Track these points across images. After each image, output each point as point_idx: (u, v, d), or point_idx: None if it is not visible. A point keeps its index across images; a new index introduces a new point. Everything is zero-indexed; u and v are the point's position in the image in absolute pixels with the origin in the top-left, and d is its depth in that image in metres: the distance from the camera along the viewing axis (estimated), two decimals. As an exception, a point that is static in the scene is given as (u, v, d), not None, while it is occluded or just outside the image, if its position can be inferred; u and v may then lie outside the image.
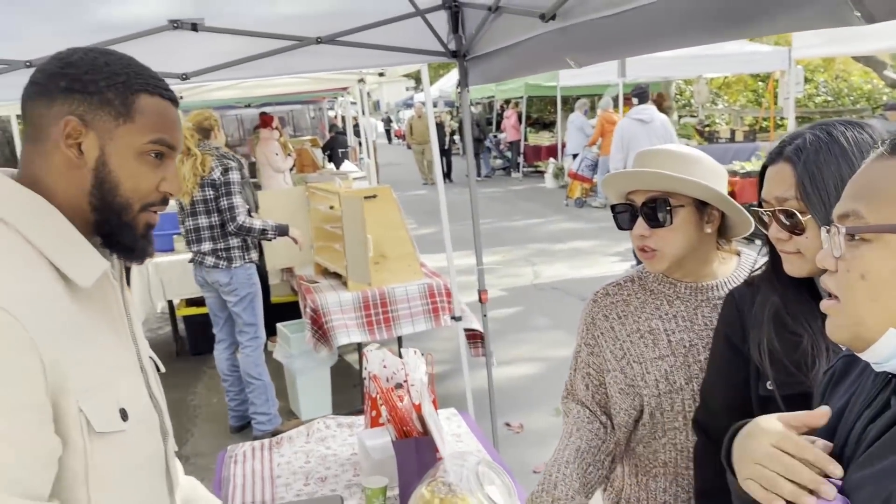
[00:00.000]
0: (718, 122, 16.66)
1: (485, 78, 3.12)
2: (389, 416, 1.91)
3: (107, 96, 1.08)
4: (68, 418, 1.01)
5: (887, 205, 0.84)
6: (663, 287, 1.65)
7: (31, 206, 1.07)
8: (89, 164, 1.09)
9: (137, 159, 1.11)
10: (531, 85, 15.82)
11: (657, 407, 1.60)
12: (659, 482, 1.66)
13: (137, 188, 1.12)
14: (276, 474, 2.16)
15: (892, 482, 0.80)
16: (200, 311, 5.69)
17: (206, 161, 4.07)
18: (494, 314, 6.34)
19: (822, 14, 1.26)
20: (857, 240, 0.86)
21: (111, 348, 1.12)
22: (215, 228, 4.13)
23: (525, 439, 4.28)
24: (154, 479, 1.20)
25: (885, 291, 0.84)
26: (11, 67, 2.86)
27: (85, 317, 1.08)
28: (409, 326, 4.21)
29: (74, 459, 1.02)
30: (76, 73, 1.08)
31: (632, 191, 1.59)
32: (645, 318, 1.64)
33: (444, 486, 1.69)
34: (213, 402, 5.01)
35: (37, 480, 0.97)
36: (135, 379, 1.17)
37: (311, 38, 3.08)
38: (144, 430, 1.16)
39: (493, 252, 8.97)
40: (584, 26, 1.95)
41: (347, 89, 9.03)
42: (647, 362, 1.61)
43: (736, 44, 12.71)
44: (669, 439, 1.62)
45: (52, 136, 1.08)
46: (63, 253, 1.06)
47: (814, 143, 1.27)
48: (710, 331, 1.57)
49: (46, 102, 1.08)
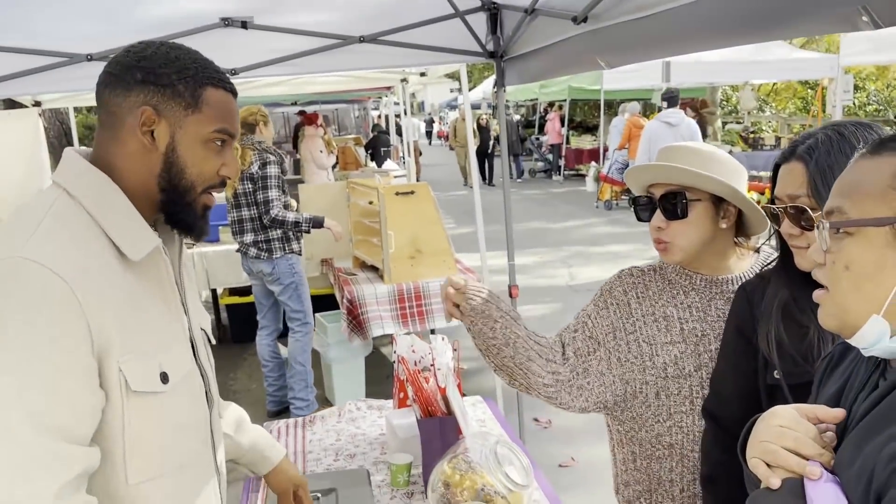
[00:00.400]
0: (765, 130, 16.43)
1: (521, 78, 3.21)
2: (415, 396, 2.01)
3: (178, 88, 1.19)
4: (110, 377, 1.12)
5: (867, 200, 0.91)
6: (680, 278, 1.72)
7: (97, 184, 1.18)
8: (160, 149, 1.20)
9: (203, 146, 1.22)
10: (574, 88, 15.81)
11: (663, 388, 1.68)
12: (664, 463, 1.72)
13: (202, 172, 1.23)
14: (308, 450, 2.28)
15: (872, 461, 0.86)
16: (243, 301, 5.89)
17: (247, 155, 4.21)
18: (529, 313, 6.41)
19: (836, 20, 1.32)
20: (841, 233, 0.93)
21: (159, 318, 1.22)
22: (255, 221, 4.29)
23: (552, 435, 4.35)
24: (196, 442, 1.29)
25: (867, 281, 0.90)
26: (73, 60, 3.04)
27: (136, 287, 1.18)
28: (442, 320, 4.30)
29: (112, 414, 1.13)
30: (151, 66, 1.18)
31: (652, 184, 1.67)
32: (661, 305, 1.71)
33: (464, 463, 1.78)
34: (252, 388, 5.18)
35: (80, 429, 1.08)
36: (181, 347, 1.27)
37: (355, 37, 3.20)
38: (187, 394, 1.26)
39: (531, 253, 9.03)
40: (613, 29, 2.03)
41: (392, 89, 9.17)
42: (658, 345, 1.68)
43: (783, 50, 12.56)
44: (675, 422, 1.69)
45: (128, 123, 1.18)
46: (119, 228, 1.17)
47: (825, 142, 1.33)
48: (723, 322, 1.63)
49: (123, 92, 1.18)
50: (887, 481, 0.83)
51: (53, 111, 7.92)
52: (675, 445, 1.70)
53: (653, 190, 1.67)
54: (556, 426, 4.44)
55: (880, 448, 0.86)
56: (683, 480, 1.72)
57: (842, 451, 0.94)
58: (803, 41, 17.60)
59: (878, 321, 0.90)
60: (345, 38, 3.20)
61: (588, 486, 3.64)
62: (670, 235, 1.64)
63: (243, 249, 4.38)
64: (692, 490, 1.71)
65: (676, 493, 1.73)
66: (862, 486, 0.87)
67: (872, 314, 0.90)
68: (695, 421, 1.67)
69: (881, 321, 0.90)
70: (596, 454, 3.79)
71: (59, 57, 3.04)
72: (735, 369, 1.54)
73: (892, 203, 0.89)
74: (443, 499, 1.74)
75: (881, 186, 0.90)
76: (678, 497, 1.73)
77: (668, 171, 1.61)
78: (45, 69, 3.05)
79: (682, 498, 1.72)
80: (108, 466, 1.14)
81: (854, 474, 0.89)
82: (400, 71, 6.21)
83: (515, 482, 1.70)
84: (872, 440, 0.88)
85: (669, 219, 1.63)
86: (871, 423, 0.91)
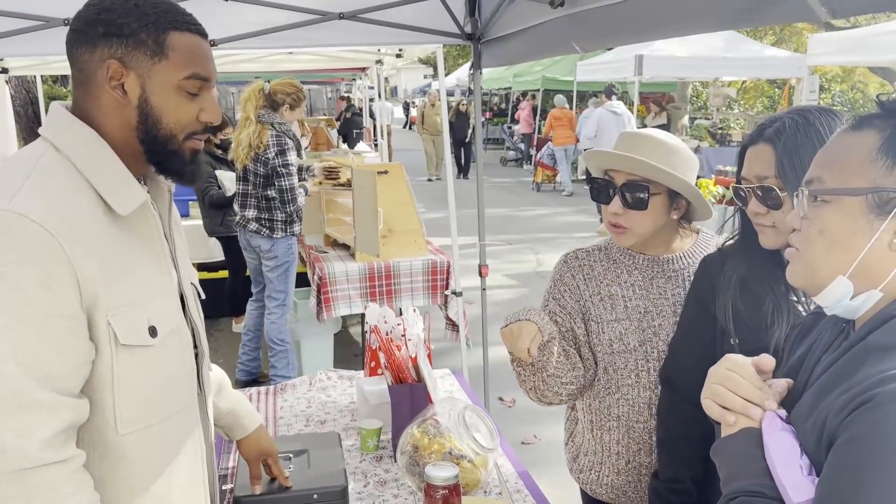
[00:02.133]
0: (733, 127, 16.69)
1: (497, 61, 3.26)
2: (387, 363, 2.07)
3: (140, 37, 1.17)
4: (99, 330, 1.14)
5: (846, 171, 0.98)
6: (624, 258, 1.82)
7: (83, 138, 1.19)
8: (133, 102, 1.19)
9: (176, 93, 1.20)
10: (548, 78, 15.92)
11: (610, 364, 1.78)
12: (613, 434, 1.82)
13: (179, 120, 1.22)
14: (279, 416, 2.33)
15: (826, 411, 0.93)
16: (211, 276, 5.87)
17: (264, 135, 4.12)
18: (496, 297, 6.49)
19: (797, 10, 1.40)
20: (819, 201, 1.00)
21: (148, 272, 1.23)
22: (261, 199, 4.28)
23: (517, 414, 4.44)
24: (184, 393, 1.31)
25: (837, 245, 0.98)
26: (49, 24, 3.01)
27: (123, 241, 1.19)
28: (409, 300, 4.35)
29: (102, 366, 1.15)
30: (111, 17, 1.17)
31: (613, 169, 1.73)
32: (606, 284, 1.80)
33: (433, 427, 1.85)
34: (218, 363, 5.09)
35: (69, 379, 1.10)
36: (170, 301, 1.28)
37: (334, 13, 3.22)
38: (176, 347, 1.28)
39: (500, 239, 9.11)
40: (588, 14, 2.10)
41: (366, 70, 9.16)
42: (604, 323, 1.78)
43: (754, 48, 12.76)
44: (623, 395, 1.78)
45: (97, 78, 1.18)
46: (107, 183, 1.17)
47: (792, 126, 1.40)
48: (664, 299, 1.74)
49: (89, 48, 1.18)
50: (837, 428, 0.89)
51: (20, 79, 7.77)
52: (621, 417, 1.79)
53: (613, 174, 1.73)
54: (519, 405, 4.54)
55: (833, 401, 0.92)
56: (629, 452, 1.81)
57: (799, 405, 1.01)
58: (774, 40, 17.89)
59: (844, 282, 0.97)
60: (325, 13, 3.22)
61: (549, 463, 3.74)
62: (628, 222, 1.71)
63: (242, 222, 4.37)
64: (637, 461, 1.80)
65: (622, 465, 1.82)
66: (815, 436, 0.94)
67: (838, 275, 0.98)
68: (639, 393, 1.76)
69: (846, 282, 0.97)
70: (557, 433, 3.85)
71: (34, 20, 3.01)
72: (695, 338, 1.62)
73: (869, 175, 0.96)
74: (411, 460, 1.80)
75: (860, 159, 0.97)
76: (623, 470, 1.82)
77: (635, 162, 1.67)
78: (20, 32, 3.02)
79: (628, 470, 1.82)
80: (99, 417, 1.16)
81: (810, 425, 0.96)
82: (376, 51, 6.22)
83: (482, 445, 1.78)
84: (828, 395, 0.95)
85: (628, 208, 1.70)
86: (828, 379, 0.98)
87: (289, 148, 4.16)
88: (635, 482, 1.81)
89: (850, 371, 0.94)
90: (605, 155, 1.73)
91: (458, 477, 1.60)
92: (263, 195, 4.27)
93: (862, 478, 0.84)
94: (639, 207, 1.69)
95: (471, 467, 1.77)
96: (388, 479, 1.92)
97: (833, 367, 0.98)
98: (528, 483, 1.89)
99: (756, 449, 0.99)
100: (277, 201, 4.22)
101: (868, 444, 0.85)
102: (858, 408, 0.88)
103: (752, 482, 0.96)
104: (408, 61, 6.53)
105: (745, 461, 0.99)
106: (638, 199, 1.68)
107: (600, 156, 1.74)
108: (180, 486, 1.31)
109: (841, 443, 0.88)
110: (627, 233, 1.73)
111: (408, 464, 1.81)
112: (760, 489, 0.95)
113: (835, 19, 1.28)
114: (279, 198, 4.19)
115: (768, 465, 0.97)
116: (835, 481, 0.87)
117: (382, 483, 1.90)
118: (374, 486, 1.88)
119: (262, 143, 4.13)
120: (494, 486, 1.85)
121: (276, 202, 4.24)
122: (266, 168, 4.18)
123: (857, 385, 0.90)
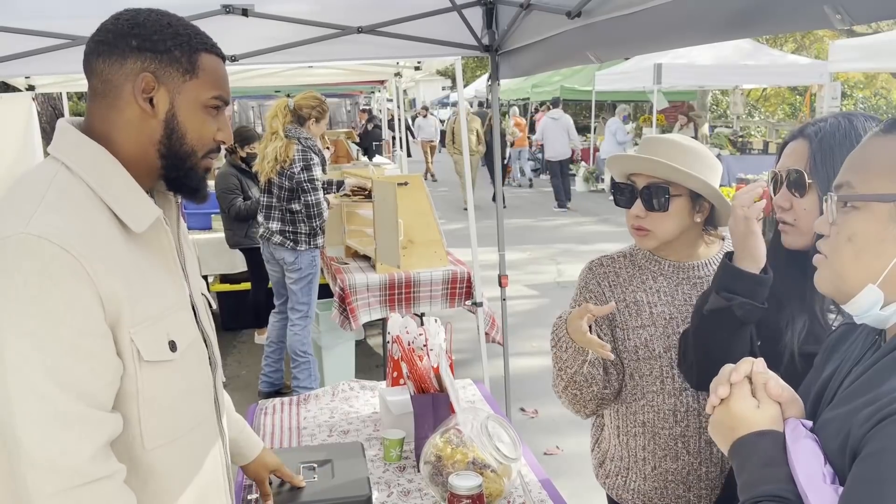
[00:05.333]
0: (754, 135, 16.58)
1: (514, 72, 3.28)
2: (409, 373, 2.08)
3: (174, 55, 1.20)
4: (122, 347, 1.15)
5: (875, 177, 0.97)
6: (650, 264, 1.82)
7: (94, 156, 1.19)
8: (160, 115, 1.21)
9: (202, 111, 1.24)
10: (567, 88, 15.89)
11: (636, 370, 1.78)
12: (638, 440, 1.82)
13: (201, 137, 1.25)
14: (303, 426, 2.34)
15: (850, 421, 0.92)
16: (234, 288, 5.93)
17: (290, 150, 4.19)
18: (516, 308, 6.48)
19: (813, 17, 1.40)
20: (848, 207, 0.99)
21: (164, 286, 1.25)
22: (285, 212, 4.34)
23: (539, 424, 4.43)
24: (203, 404, 1.34)
25: (866, 252, 0.96)
26: (75, 43, 3.08)
27: (140, 258, 1.20)
28: (427, 306, 4.37)
29: (127, 382, 1.16)
30: (145, 32, 1.19)
31: (634, 173, 1.74)
32: (632, 290, 1.81)
33: (456, 437, 1.86)
34: (241, 374, 5.23)
35: (104, 395, 1.12)
36: (185, 314, 1.30)
37: (353, 27, 3.26)
38: (194, 360, 1.30)
39: (520, 250, 9.10)
40: (604, 24, 2.11)
41: (385, 83, 9.22)
42: (629, 330, 1.78)
43: (774, 56, 12.69)
44: (648, 401, 1.78)
45: (126, 90, 1.19)
46: (121, 201, 1.18)
47: (834, 125, 1.41)
48: (689, 306, 1.73)
49: (119, 60, 1.18)
50: (862, 440, 0.89)
51: (46, 96, 7.93)
52: (647, 423, 1.79)
53: (635, 179, 1.74)
54: (542, 416, 4.52)
55: (859, 410, 0.92)
56: (655, 458, 1.80)
57: (825, 414, 1.01)
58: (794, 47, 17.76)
59: (874, 290, 0.96)
60: (343, 28, 3.26)
61: (572, 474, 3.72)
62: (651, 225, 1.72)
63: (267, 235, 4.42)
64: (663, 467, 1.80)
65: (648, 471, 1.82)
66: (838, 445, 0.93)
67: (868, 284, 0.96)
68: (664, 400, 1.76)
69: (876, 290, 0.96)
70: (580, 444, 3.87)
71: (60, 38, 3.08)
72: None
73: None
74: (434, 470, 1.81)
75: (889, 164, 0.96)
76: (650, 475, 1.82)
77: (655, 164, 1.68)
78: (47, 50, 3.08)
79: (654, 476, 1.81)
80: (127, 432, 1.17)
81: (833, 433, 0.95)
82: (395, 64, 6.27)
83: (505, 455, 1.78)
84: (853, 404, 0.94)
85: (650, 210, 1.71)
86: (856, 390, 0.97)
87: (314, 164, 4.23)
88: (661, 488, 1.81)
89: (877, 382, 0.93)
90: (625, 159, 1.75)
91: (481, 486, 1.61)
92: (287, 208, 4.32)
93: (885, 492, 0.83)
94: (660, 209, 1.70)
95: (494, 477, 1.77)
96: (412, 489, 1.93)
97: (862, 378, 0.97)
98: (551, 493, 1.89)
99: (781, 454, 0.99)
100: (303, 215, 4.29)
101: (892, 457, 0.84)
102: (883, 420, 0.87)
103: (777, 487, 0.96)
104: (426, 73, 6.58)
105: (770, 466, 0.98)
106: (659, 201, 1.69)
107: (622, 160, 1.76)
108: (206, 497, 1.32)
109: (865, 455, 0.88)
110: (650, 235, 1.73)
111: (431, 474, 1.82)
112: (786, 494, 0.95)
113: (850, 26, 1.28)
114: (305, 212, 4.27)
115: (791, 471, 0.96)
116: (857, 494, 0.86)
117: (406, 493, 1.91)
118: (397, 496, 1.89)
119: (288, 158, 4.20)
120: (518, 496, 1.86)
121: (300, 215, 4.31)
122: (291, 182, 4.24)
123: (883, 396, 0.89)
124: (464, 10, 3.28)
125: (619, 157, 1.75)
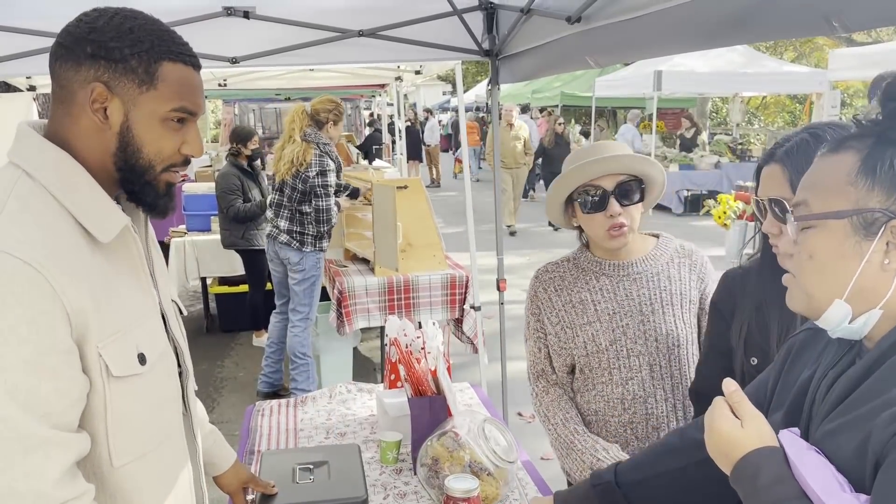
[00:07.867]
0: (753, 142, 16.62)
1: (514, 77, 3.29)
2: (407, 375, 2.08)
3: (131, 64, 1.10)
4: (89, 362, 1.08)
5: (828, 195, 0.99)
6: (592, 265, 1.94)
7: (57, 162, 1.11)
8: (114, 128, 1.12)
9: (160, 125, 1.14)
10: (567, 94, 15.94)
11: (586, 364, 1.91)
12: (592, 428, 1.94)
13: (160, 152, 1.16)
14: (300, 428, 2.34)
15: (870, 423, 0.91)
16: (232, 290, 5.94)
17: (308, 154, 4.23)
18: (514, 312, 6.48)
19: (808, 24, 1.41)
20: (806, 226, 1.01)
21: (132, 296, 1.18)
22: (294, 213, 4.36)
23: (536, 429, 4.42)
24: (172, 416, 1.28)
25: (828, 269, 0.98)
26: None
27: (107, 267, 1.13)
28: (427, 314, 4.37)
29: (95, 398, 1.10)
30: (101, 38, 1.10)
31: (596, 178, 1.80)
32: (577, 291, 1.93)
33: (453, 439, 1.86)
34: (239, 375, 5.23)
35: (68, 415, 1.05)
36: (154, 323, 1.23)
37: (354, 30, 3.27)
38: (163, 372, 1.24)
39: (519, 254, 9.12)
40: (604, 29, 2.12)
41: (385, 87, 9.24)
42: (577, 327, 1.91)
43: (773, 64, 12.72)
44: (598, 392, 1.91)
45: (79, 99, 1.11)
46: (85, 210, 1.10)
47: (802, 145, 1.41)
48: (630, 300, 1.87)
49: (74, 66, 1.10)
50: (887, 444, 0.87)
51: (46, 96, 7.93)
52: (598, 412, 1.92)
53: (599, 182, 1.80)
54: (538, 421, 4.51)
55: (875, 414, 0.90)
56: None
57: (823, 425, 0.99)
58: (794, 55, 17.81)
59: (842, 305, 0.97)
60: (344, 31, 3.27)
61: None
62: (626, 219, 1.82)
63: (273, 233, 4.45)
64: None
65: None
66: (853, 450, 0.91)
67: (836, 299, 0.98)
68: (612, 389, 1.89)
69: (844, 305, 0.97)
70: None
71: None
72: (715, 350, 1.67)
73: (850, 197, 0.96)
74: (431, 472, 1.82)
75: (840, 182, 0.97)
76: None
77: (631, 160, 1.80)
78: (45, 51, 3.06)
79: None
80: (94, 451, 1.12)
81: (843, 440, 0.94)
82: (395, 68, 6.28)
83: (502, 458, 1.78)
84: (859, 410, 0.94)
85: (625, 205, 1.81)
86: (857, 397, 0.96)
87: (330, 170, 4.27)
88: None
89: (885, 387, 0.93)
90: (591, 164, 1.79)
91: (478, 489, 1.61)
92: (297, 209, 4.35)
93: None
94: (636, 201, 1.82)
95: (490, 480, 1.78)
96: (408, 491, 1.93)
97: (862, 386, 0.97)
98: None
99: (785, 469, 0.97)
100: (312, 218, 4.32)
101: None
102: None
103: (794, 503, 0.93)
104: (427, 78, 6.58)
105: (779, 483, 0.96)
106: (636, 193, 1.82)
107: (587, 166, 1.79)
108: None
109: (891, 462, 0.86)
110: (627, 229, 1.83)
111: (427, 476, 1.82)
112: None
113: (847, 33, 1.29)
114: (315, 217, 4.30)
115: (801, 485, 0.94)
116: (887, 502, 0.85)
117: (402, 495, 1.91)
118: (393, 499, 1.89)
119: (305, 162, 4.24)
120: (514, 500, 1.86)
121: (309, 217, 4.34)
122: (305, 185, 4.28)
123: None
124: (465, 14, 3.29)
125: (580, 168, 1.80)
